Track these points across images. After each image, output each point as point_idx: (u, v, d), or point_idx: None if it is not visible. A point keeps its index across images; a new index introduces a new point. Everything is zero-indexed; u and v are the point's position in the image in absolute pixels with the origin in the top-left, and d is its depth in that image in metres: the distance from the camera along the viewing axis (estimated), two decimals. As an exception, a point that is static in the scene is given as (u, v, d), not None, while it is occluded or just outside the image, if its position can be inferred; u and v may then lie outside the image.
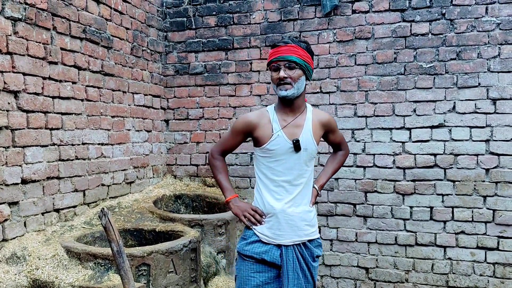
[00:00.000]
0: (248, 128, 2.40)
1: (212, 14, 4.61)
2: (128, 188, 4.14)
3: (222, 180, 2.56)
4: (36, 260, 2.78)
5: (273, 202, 2.35)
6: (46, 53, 3.16)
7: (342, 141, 2.65)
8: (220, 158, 2.60)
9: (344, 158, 2.70)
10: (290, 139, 2.32)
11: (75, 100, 3.46)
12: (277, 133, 2.33)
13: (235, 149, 2.60)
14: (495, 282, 3.92)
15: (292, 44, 2.30)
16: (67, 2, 3.34)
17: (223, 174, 2.58)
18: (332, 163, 2.68)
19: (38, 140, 3.10)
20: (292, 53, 2.28)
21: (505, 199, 3.88)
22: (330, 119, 2.49)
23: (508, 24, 3.82)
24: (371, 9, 4.16)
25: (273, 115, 2.39)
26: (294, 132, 2.34)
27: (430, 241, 4.07)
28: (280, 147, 2.32)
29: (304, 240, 2.36)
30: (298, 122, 2.37)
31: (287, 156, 2.33)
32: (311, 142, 2.35)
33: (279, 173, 2.35)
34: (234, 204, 2.49)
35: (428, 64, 4.03)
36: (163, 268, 2.83)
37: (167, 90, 4.79)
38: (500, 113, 3.87)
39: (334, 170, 2.67)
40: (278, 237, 2.34)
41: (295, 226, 2.34)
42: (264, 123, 2.37)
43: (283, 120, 2.36)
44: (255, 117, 2.41)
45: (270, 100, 4.45)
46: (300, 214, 2.36)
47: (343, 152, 2.68)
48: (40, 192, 3.14)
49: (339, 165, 2.69)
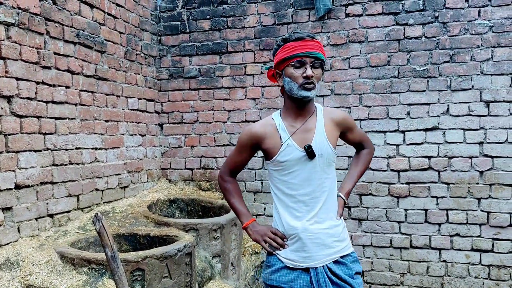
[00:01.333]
0: (254, 140, 2.16)
1: (206, 18, 4.61)
2: (122, 192, 4.13)
3: (236, 204, 2.30)
4: (30, 265, 2.76)
5: (293, 221, 2.09)
6: (40, 57, 3.15)
7: (364, 138, 2.35)
8: (230, 179, 2.34)
9: (370, 157, 2.38)
10: (301, 146, 2.06)
11: (69, 104, 3.45)
12: (286, 142, 2.08)
13: (244, 166, 2.34)
14: (490, 284, 3.93)
15: (317, 39, 2.07)
16: (60, 7, 3.33)
17: (236, 197, 2.32)
18: (356, 165, 2.36)
19: (31, 145, 3.09)
20: (319, 50, 2.03)
21: (499, 201, 3.89)
22: (344, 116, 2.22)
23: (500, 27, 3.84)
24: (364, 12, 4.17)
25: (279, 122, 2.14)
26: (305, 138, 2.08)
27: (425, 243, 4.08)
28: (292, 157, 2.07)
29: (335, 257, 2.08)
30: (309, 125, 2.11)
31: (302, 166, 2.07)
32: (326, 146, 2.08)
33: (295, 187, 2.09)
34: (252, 230, 2.22)
35: (421, 67, 4.05)
36: (157, 273, 2.81)
37: (161, 94, 4.78)
38: (493, 116, 3.89)
39: (360, 172, 2.35)
40: (305, 259, 2.07)
41: (323, 245, 2.06)
42: (271, 132, 2.13)
43: (291, 126, 2.11)
44: (260, 128, 2.15)
45: (265, 104, 4.45)
46: (326, 230, 2.08)
47: (368, 151, 2.37)
48: (34, 197, 3.12)
49: (365, 166, 2.37)
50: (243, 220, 2.27)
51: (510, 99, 3.85)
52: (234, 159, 2.29)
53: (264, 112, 4.45)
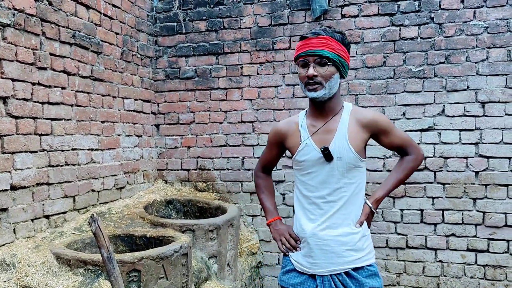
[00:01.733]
0: (278, 138, 2.16)
1: (203, 18, 4.61)
2: (118, 193, 4.12)
3: (264, 201, 2.30)
4: (26, 267, 2.75)
5: (305, 224, 2.05)
6: (35, 58, 3.14)
7: (406, 143, 2.12)
8: (263, 175, 2.35)
9: (414, 165, 2.13)
10: (320, 147, 1.99)
11: (65, 105, 3.44)
12: (305, 141, 2.03)
13: (276, 163, 2.34)
14: (485, 284, 3.95)
15: (324, 35, 1.96)
16: (56, 8, 3.33)
17: (266, 193, 2.32)
18: (395, 172, 2.15)
19: (27, 146, 3.08)
20: (324, 47, 1.94)
21: (495, 201, 3.91)
22: (374, 118, 2.04)
23: (495, 28, 3.86)
24: (360, 13, 4.18)
25: (302, 121, 2.09)
26: (325, 139, 2.00)
27: (421, 244, 4.09)
28: (309, 157, 2.01)
29: (346, 268, 1.97)
30: (330, 126, 2.02)
31: (319, 168, 2.00)
32: (346, 149, 1.97)
33: (312, 188, 2.03)
34: (274, 228, 2.21)
35: (417, 68, 4.06)
36: (154, 274, 2.81)
37: (158, 95, 4.78)
38: (488, 116, 3.90)
39: (397, 180, 2.13)
40: (311, 266, 2.02)
41: (332, 252, 1.98)
42: (293, 130, 2.10)
43: (312, 126, 2.04)
44: (284, 125, 2.14)
45: (261, 104, 4.46)
46: (338, 237, 1.98)
47: (411, 158, 2.12)
48: (30, 199, 3.12)
49: (405, 174, 2.13)
50: (267, 217, 2.27)
51: (505, 100, 3.86)
52: (265, 155, 2.31)
53: (261, 112, 4.46)
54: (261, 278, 4.51)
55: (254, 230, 4.52)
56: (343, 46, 2.00)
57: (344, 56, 2.00)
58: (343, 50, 2.00)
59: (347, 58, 2.03)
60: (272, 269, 4.49)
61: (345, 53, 2.01)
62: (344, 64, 2.01)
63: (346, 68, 2.04)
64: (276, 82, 4.42)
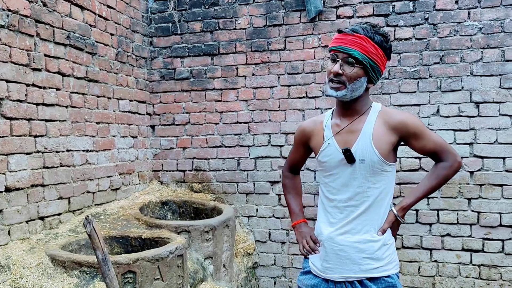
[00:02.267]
0: (303, 137, 2.09)
1: (198, 19, 4.61)
2: (113, 195, 4.11)
3: (290, 202, 2.26)
4: (21, 269, 2.74)
5: (324, 227, 1.99)
6: (30, 60, 3.13)
7: (441, 148, 1.96)
8: (290, 175, 2.30)
9: (448, 172, 1.96)
10: (342, 148, 1.91)
11: (59, 106, 3.43)
12: (327, 141, 1.95)
13: (303, 163, 2.28)
14: (480, 284, 3.96)
15: (361, 34, 1.84)
16: (50, 9, 3.32)
17: (292, 194, 2.27)
18: (427, 179, 2.01)
19: (22, 148, 3.07)
20: (356, 46, 1.82)
21: (489, 201, 3.92)
22: (404, 120, 1.92)
23: (490, 29, 3.88)
24: (355, 14, 4.19)
25: (327, 120, 2.01)
26: (348, 140, 1.91)
27: (416, 244, 4.10)
28: (331, 158, 1.93)
29: (360, 277, 1.90)
30: (355, 126, 1.92)
31: (341, 170, 1.92)
32: (370, 151, 1.87)
33: (334, 191, 1.96)
34: (298, 230, 2.18)
35: (412, 68, 4.07)
36: (149, 276, 2.81)
37: (153, 96, 4.77)
38: (483, 116, 3.92)
39: (428, 188, 2.00)
40: (325, 270, 1.97)
41: (347, 259, 1.91)
42: (318, 129, 2.02)
43: (336, 125, 1.96)
44: (309, 124, 2.08)
45: (257, 105, 4.46)
46: (356, 243, 1.90)
47: (446, 165, 1.96)
48: (25, 200, 3.11)
49: (438, 182, 1.98)
50: (292, 219, 2.23)
51: (499, 100, 3.88)
52: (292, 155, 2.25)
53: (256, 113, 4.46)
54: (257, 279, 4.51)
55: (250, 231, 4.52)
56: (381, 49, 1.87)
57: (377, 61, 1.86)
58: (379, 55, 1.86)
59: (382, 64, 1.89)
60: (268, 270, 4.49)
61: (380, 58, 1.87)
62: (376, 70, 1.88)
63: (378, 74, 1.90)
64: (271, 82, 4.43)
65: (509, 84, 3.85)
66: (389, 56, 1.94)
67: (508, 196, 3.88)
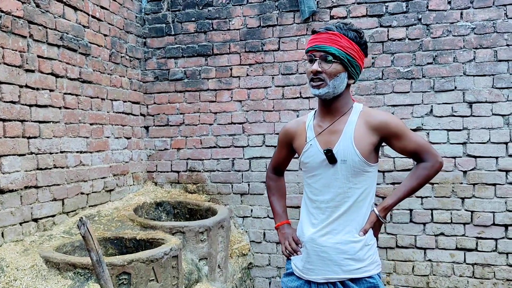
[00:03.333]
0: (287, 138, 2.10)
1: (191, 20, 4.60)
2: (108, 196, 4.10)
3: (274, 204, 2.26)
4: (14, 271, 2.73)
5: (306, 228, 1.99)
6: (23, 61, 3.12)
7: (422, 149, 1.96)
8: (274, 177, 2.29)
9: (429, 173, 1.96)
10: (324, 149, 1.91)
11: (53, 108, 3.42)
12: (310, 142, 1.95)
13: (287, 164, 2.28)
14: (474, 283, 3.98)
15: (335, 31, 1.86)
16: (43, 10, 3.31)
17: (276, 196, 2.27)
18: (408, 180, 2.00)
19: (15, 149, 3.06)
20: (331, 43, 1.84)
21: (483, 200, 3.94)
22: (385, 121, 1.92)
23: (482, 29, 3.90)
24: (348, 14, 4.20)
25: (309, 121, 2.02)
26: (330, 140, 1.92)
27: (410, 243, 4.12)
28: (313, 158, 1.94)
29: (342, 278, 1.90)
30: (336, 127, 1.92)
31: (323, 171, 1.93)
32: (352, 152, 1.87)
33: (316, 192, 1.96)
34: (281, 232, 2.17)
35: (405, 69, 4.09)
36: (144, 277, 2.80)
37: (147, 97, 4.76)
38: (476, 116, 3.94)
39: (409, 188, 1.98)
40: (308, 271, 1.97)
41: (329, 260, 1.91)
42: (301, 130, 2.03)
43: (318, 126, 1.97)
44: (293, 125, 2.09)
45: (251, 106, 4.46)
46: (337, 244, 1.90)
47: (427, 165, 1.96)
48: (18, 202, 3.09)
49: (419, 182, 1.98)
50: (276, 220, 2.23)
51: (492, 100, 3.90)
52: (276, 156, 2.25)
53: (251, 114, 4.47)
54: (251, 279, 4.51)
55: (245, 232, 4.53)
56: (356, 45, 1.89)
57: (354, 55, 1.88)
58: (355, 50, 1.88)
59: (359, 59, 1.91)
60: (263, 270, 4.50)
61: (357, 52, 1.89)
62: (354, 64, 1.89)
63: (357, 68, 1.92)
64: (265, 83, 4.43)
65: (501, 84, 3.88)
66: (366, 52, 1.97)
67: (501, 195, 3.91)
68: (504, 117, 3.88)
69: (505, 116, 3.88)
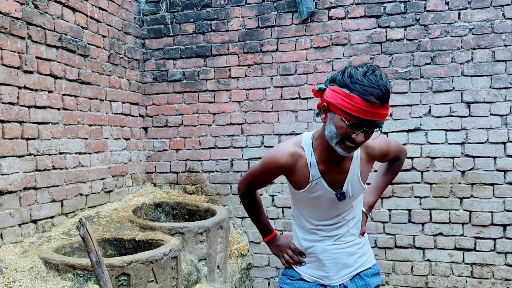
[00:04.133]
0: (281, 171, 1.93)
1: (190, 21, 4.61)
2: (106, 197, 4.10)
3: (256, 220, 2.19)
4: (14, 272, 2.73)
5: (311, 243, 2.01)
6: (21, 62, 3.12)
7: (398, 153, 2.11)
8: (250, 193, 2.15)
9: (401, 167, 2.21)
10: (332, 188, 1.88)
11: (52, 109, 3.42)
12: (315, 181, 1.87)
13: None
14: (473, 283, 3.99)
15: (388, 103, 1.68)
16: (42, 11, 3.31)
17: (256, 209, 2.18)
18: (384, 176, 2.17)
19: (14, 151, 3.06)
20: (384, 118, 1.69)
21: (481, 200, 3.95)
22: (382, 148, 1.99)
23: (480, 29, 3.91)
24: (347, 15, 4.21)
25: (310, 157, 1.87)
26: (337, 179, 1.89)
27: (409, 243, 4.13)
28: (321, 195, 1.90)
29: (354, 274, 2.01)
30: (342, 166, 1.89)
31: (329, 204, 1.92)
32: (358, 187, 1.92)
33: (319, 218, 1.97)
34: (274, 244, 2.16)
35: (403, 69, 4.10)
36: (143, 278, 2.81)
37: (146, 98, 4.76)
38: (474, 116, 3.95)
39: (387, 184, 2.20)
40: (323, 278, 2.00)
41: (342, 264, 1.99)
42: (300, 166, 1.88)
43: (322, 164, 1.87)
44: (289, 159, 1.87)
45: (249, 106, 4.47)
46: (346, 249, 1.99)
47: (400, 162, 2.17)
48: (17, 203, 3.09)
49: (393, 177, 2.22)
50: (262, 234, 2.20)
51: (490, 100, 3.92)
52: (256, 180, 2.07)
53: (249, 114, 4.47)
54: (251, 280, 4.51)
55: (244, 232, 4.53)
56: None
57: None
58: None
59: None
60: (262, 271, 4.50)
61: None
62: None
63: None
64: (264, 84, 4.44)
65: (499, 84, 3.89)
66: None
67: (499, 195, 3.92)
68: (502, 117, 3.90)
69: (503, 116, 3.90)
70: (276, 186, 4.39)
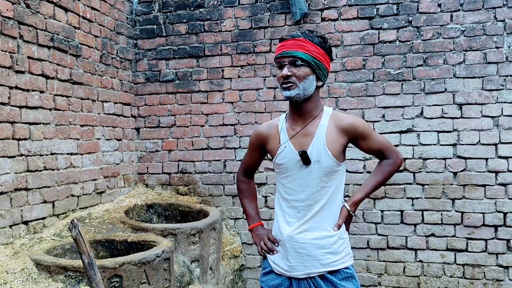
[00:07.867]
0: (259, 141, 2.18)
1: (183, 21, 4.59)
2: (98, 198, 4.08)
3: (246, 206, 2.34)
4: (4, 274, 2.70)
5: (282, 227, 2.08)
6: (13, 62, 3.09)
7: (385, 147, 2.14)
8: (245, 179, 2.37)
9: (392, 168, 2.15)
10: (298, 150, 2.01)
11: (43, 109, 3.39)
12: (284, 144, 2.05)
13: (257, 166, 2.36)
14: (465, 283, 4.01)
15: (301, 37, 1.98)
16: (34, 10, 3.28)
17: (248, 198, 2.34)
18: (374, 175, 2.17)
19: (5, 151, 3.03)
20: (298, 48, 1.96)
21: (473, 201, 3.98)
22: (353, 123, 2.06)
23: (472, 31, 3.94)
24: (339, 17, 4.22)
25: (282, 124, 2.11)
26: (304, 142, 2.02)
27: (401, 244, 4.14)
28: (288, 160, 2.04)
29: (321, 272, 2.01)
30: (309, 130, 2.04)
31: (297, 171, 2.03)
32: (324, 153, 1.99)
33: (291, 192, 2.06)
34: (255, 233, 2.26)
35: (396, 71, 4.12)
36: (135, 279, 2.79)
37: (138, 98, 4.74)
38: (466, 118, 3.98)
39: (375, 183, 2.15)
40: (289, 268, 2.05)
41: (308, 256, 2.01)
42: (274, 133, 2.12)
43: (291, 129, 2.07)
44: (265, 128, 2.17)
45: (243, 107, 4.46)
46: (314, 240, 2.01)
47: (389, 161, 2.14)
48: (8, 204, 3.06)
49: (383, 177, 2.15)
50: (249, 222, 2.31)
51: (481, 102, 3.94)
52: (247, 158, 2.32)
53: (242, 115, 4.46)
54: (243, 281, 4.51)
55: (237, 233, 4.52)
56: (322, 49, 2.01)
57: (320, 58, 2.00)
58: (321, 53, 2.00)
59: (325, 62, 2.03)
60: (254, 272, 4.49)
61: (323, 56, 2.01)
62: (321, 67, 2.01)
63: (324, 71, 2.03)
64: (257, 85, 4.43)
65: (491, 86, 3.92)
66: (331, 56, 2.09)
67: (490, 196, 3.94)
68: (493, 118, 3.92)
69: (495, 117, 3.92)
70: (269, 187, 4.39)
